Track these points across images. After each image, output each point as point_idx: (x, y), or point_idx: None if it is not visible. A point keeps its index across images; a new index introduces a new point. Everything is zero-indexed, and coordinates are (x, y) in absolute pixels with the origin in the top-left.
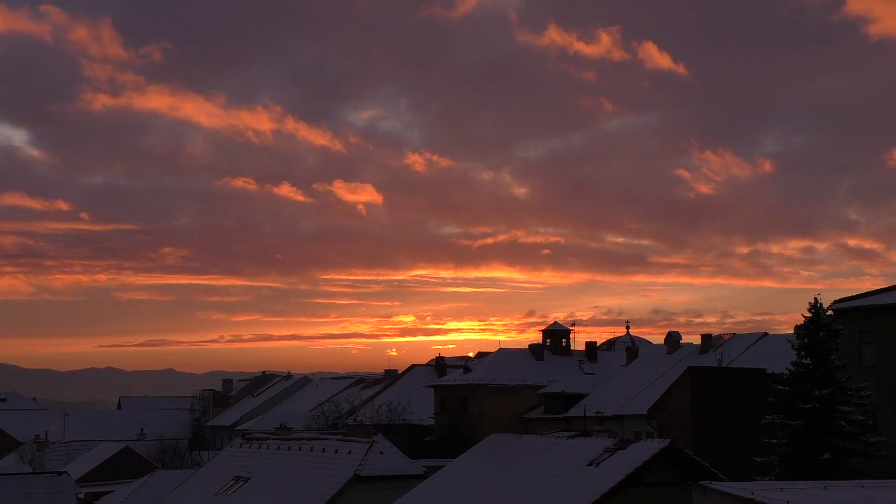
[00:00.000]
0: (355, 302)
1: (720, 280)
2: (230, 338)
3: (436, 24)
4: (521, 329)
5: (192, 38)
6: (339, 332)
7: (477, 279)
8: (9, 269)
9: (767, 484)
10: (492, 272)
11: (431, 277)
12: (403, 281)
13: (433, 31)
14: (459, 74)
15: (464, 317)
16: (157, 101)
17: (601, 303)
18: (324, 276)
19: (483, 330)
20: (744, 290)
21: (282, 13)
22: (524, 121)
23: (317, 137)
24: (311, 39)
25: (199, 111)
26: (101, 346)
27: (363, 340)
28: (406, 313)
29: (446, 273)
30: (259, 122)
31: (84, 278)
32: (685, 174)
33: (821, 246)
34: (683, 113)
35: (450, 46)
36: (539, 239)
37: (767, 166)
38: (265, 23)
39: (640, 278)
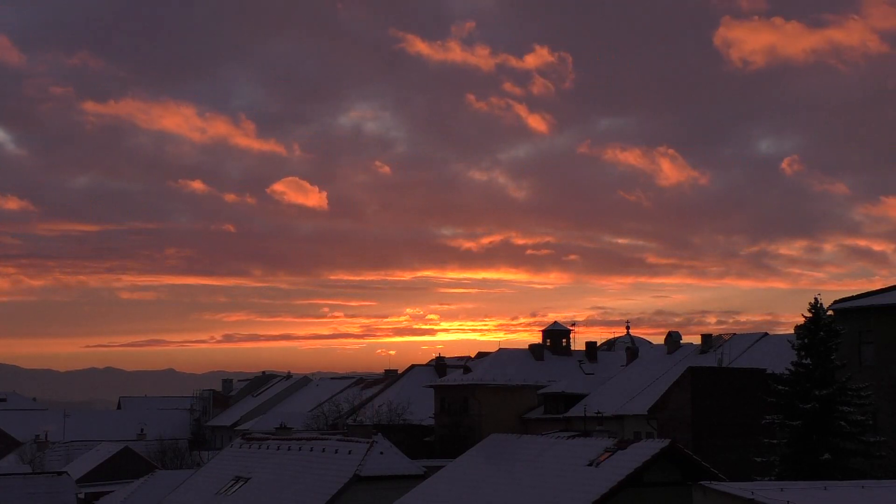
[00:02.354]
0: (354, 303)
1: (726, 281)
2: (230, 338)
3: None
4: (508, 329)
5: (175, 43)
6: (339, 333)
7: (473, 280)
8: (9, 269)
9: (767, 484)
10: (489, 273)
11: (433, 278)
12: (401, 281)
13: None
14: (443, 73)
15: (459, 317)
16: (142, 106)
17: (601, 303)
18: (323, 278)
19: (473, 330)
20: (749, 292)
21: (270, 18)
22: (519, 119)
23: (304, 139)
24: (297, 41)
25: (185, 116)
26: (101, 346)
27: (362, 341)
28: (406, 314)
29: (444, 274)
30: (248, 124)
31: (84, 278)
32: (687, 173)
33: (828, 247)
34: (682, 113)
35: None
36: (538, 239)
37: (771, 166)
38: (254, 27)
39: (642, 279)
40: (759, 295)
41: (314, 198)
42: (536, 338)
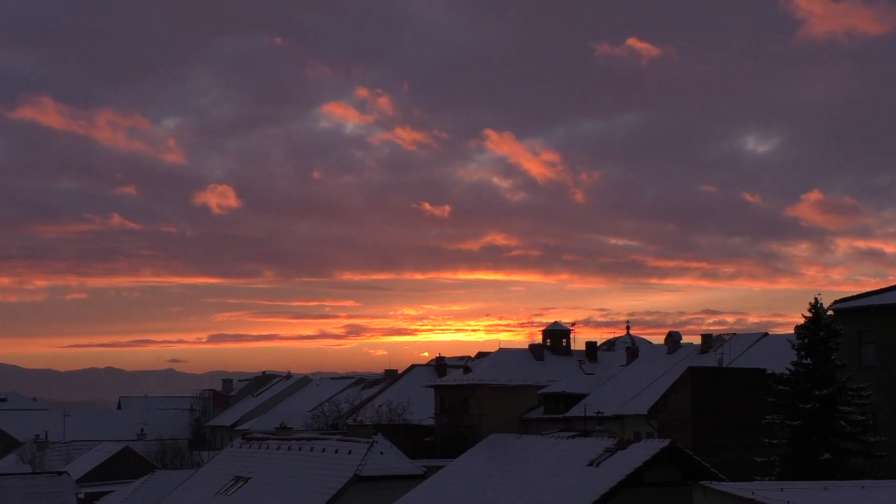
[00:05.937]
0: (354, 303)
1: (735, 283)
2: (230, 338)
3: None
4: (493, 330)
5: (152, 42)
6: (339, 333)
7: (472, 281)
8: (9, 269)
9: (768, 484)
10: (488, 274)
11: (434, 279)
12: (403, 282)
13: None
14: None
15: (458, 318)
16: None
17: (601, 303)
18: (324, 278)
19: (460, 330)
20: (756, 293)
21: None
22: (515, 115)
23: (294, 137)
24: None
25: (172, 116)
26: (101, 346)
27: (361, 341)
28: (405, 314)
29: (445, 274)
30: (235, 123)
31: (84, 279)
32: (691, 173)
33: (838, 248)
34: (692, 110)
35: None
36: (537, 240)
37: (776, 165)
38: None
39: (642, 279)
40: (766, 296)
41: (313, 198)
42: (536, 338)
